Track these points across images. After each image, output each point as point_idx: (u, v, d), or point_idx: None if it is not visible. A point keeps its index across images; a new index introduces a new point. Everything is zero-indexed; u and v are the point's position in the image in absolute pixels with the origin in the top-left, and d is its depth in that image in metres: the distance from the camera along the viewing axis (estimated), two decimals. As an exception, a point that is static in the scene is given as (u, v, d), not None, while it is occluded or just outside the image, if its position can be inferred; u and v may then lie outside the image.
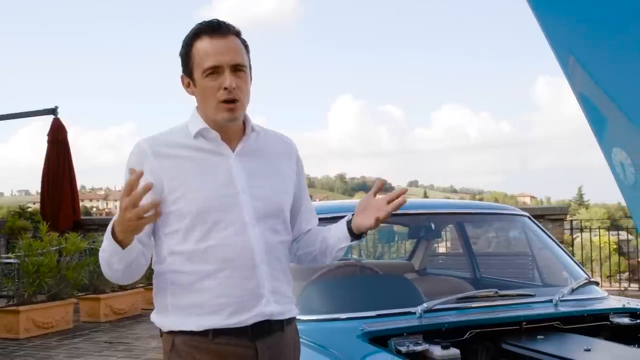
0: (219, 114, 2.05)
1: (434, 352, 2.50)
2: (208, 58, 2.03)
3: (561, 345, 2.64)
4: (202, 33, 2.07)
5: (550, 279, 3.81)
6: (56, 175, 12.31)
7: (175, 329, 2.05)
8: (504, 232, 5.11)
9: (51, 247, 8.84)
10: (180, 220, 2.03)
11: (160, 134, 2.15)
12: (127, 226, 1.86)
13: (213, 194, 2.04)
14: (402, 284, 3.29)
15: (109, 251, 1.95)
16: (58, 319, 8.75)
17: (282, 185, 2.20)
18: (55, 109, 12.26)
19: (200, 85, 2.06)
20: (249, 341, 2.03)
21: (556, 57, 1.43)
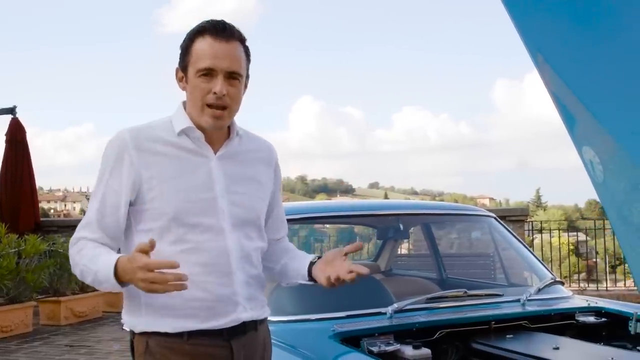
0: (202, 117, 2.03)
1: (405, 352, 2.52)
2: (205, 59, 2.01)
3: (530, 344, 2.69)
4: (206, 32, 2.04)
5: (516, 278, 3.87)
6: (15, 176, 12.08)
7: (149, 330, 2.01)
8: (470, 232, 5.16)
9: (10, 249, 8.68)
10: (155, 220, 2.01)
11: (143, 126, 2.10)
12: (135, 283, 1.85)
13: (192, 197, 2.02)
14: (372, 284, 3.30)
15: (103, 281, 1.93)
16: (17, 322, 8.59)
17: (259, 192, 2.19)
18: (14, 108, 12.04)
19: (191, 83, 2.04)
20: (224, 341, 2.03)
21: (529, 54, 1.45)
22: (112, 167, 2.02)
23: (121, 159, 2.00)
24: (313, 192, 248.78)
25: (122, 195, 2.00)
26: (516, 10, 1.41)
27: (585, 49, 1.30)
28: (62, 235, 12.23)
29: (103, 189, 2.02)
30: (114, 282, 1.89)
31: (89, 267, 1.95)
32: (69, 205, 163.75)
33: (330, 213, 3.73)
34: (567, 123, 1.48)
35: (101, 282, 1.93)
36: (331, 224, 4.27)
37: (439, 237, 4.68)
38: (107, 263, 1.90)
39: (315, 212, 3.60)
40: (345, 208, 4.04)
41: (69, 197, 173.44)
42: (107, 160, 2.04)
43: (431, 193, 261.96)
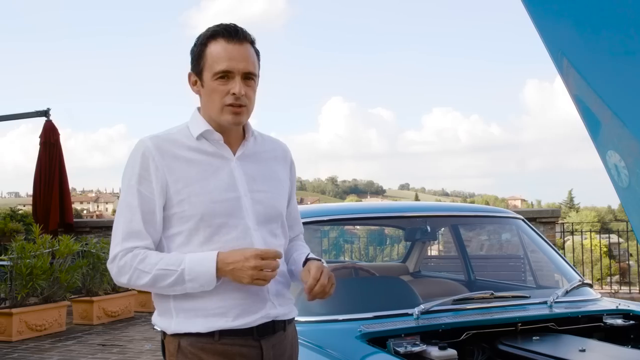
0: (223, 116, 2.08)
1: (431, 352, 2.53)
2: (221, 62, 2.05)
3: (556, 346, 2.68)
4: (219, 35, 2.08)
5: (544, 280, 3.85)
6: (48, 178, 12.28)
7: (181, 331, 2.05)
8: (498, 234, 5.15)
9: (44, 249, 8.82)
10: (183, 223, 2.05)
11: (162, 133, 2.14)
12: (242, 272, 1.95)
13: (217, 198, 2.05)
14: (399, 285, 3.32)
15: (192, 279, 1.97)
16: (51, 321, 8.74)
17: (279, 189, 2.24)
18: (47, 111, 12.24)
19: (208, 86, 2.08)
20: (254, 341, 2.07)
21: (551, 58, 1.45)
22: (140, 174, 2.04)
23: (147, 166, 2.04)
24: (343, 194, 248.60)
25: (156, 201, 2.03)
26: (539, 14, 1.42)
27: (611, 51, 1.30)
28: (95, 235, 12.42)
29: (137, 197, 2.04)
30: (211, 275, 1.96)
31: (168, 269, 1.97)
32: (102, 206, 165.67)
33: (357, 215, 3.75)
34: (590, 127, 1.48)
35: (189, 280, 1.97)
36: (359, 225, 4.28)
37: (468, 239, 4.68)
38: (201, 258, 1.98)
39: (342, 213, 3.62)
40: (373, 210, 4.06)
41: (101, 198, 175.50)
42: (133, 169, 2.06)
43: (462, 194, 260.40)
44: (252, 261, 1.94)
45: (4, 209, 17.14)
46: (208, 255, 1.99)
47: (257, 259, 1.94)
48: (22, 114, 12.97)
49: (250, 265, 1.93)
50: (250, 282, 1.95)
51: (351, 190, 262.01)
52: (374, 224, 4.27)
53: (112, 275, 2.08)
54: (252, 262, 1.94)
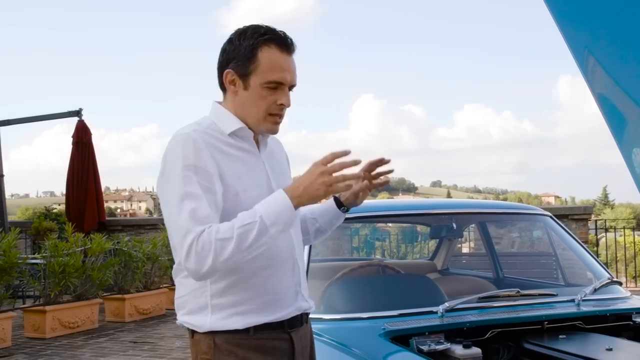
0: (263, 124, 2.08)
1: (455, 351, 2.51)
2: (276, 72, 2.04)
3: (583, 345, 2.64)
4: (272, 42, 2.05)
5: (572, 278, 3.80)
6: (81, 177, 12.45)
7: (217, 329, 2.02)
8: (526, 231, 5.09)
9: (76, 247, 8.94)
10: (231, 216, 1.98)
11: (197, 126, 2.07)
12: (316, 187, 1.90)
13: (262, 194, 2.03)
14: (424, 283, 3.30)
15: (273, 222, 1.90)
16: (84, 318, 8.86)
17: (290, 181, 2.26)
18: (80, 111, 12.40)
19: (255, 91, 2.05)
20: (285, 333, 2.09)
21: (574, 56, 1.42)
22: (195, 165, 1.96)
23: (201, 157, 1.97)
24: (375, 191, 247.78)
25: (217, 191, 1.98)
26: (563, 12, 1.40)
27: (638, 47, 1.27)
28: (127, 234, 12.56)
29: (199, 188, 1.95)
30: (290, 208, 1.90)
31: (247, 224, 1.89)
32: (135, 204, 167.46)
33: (384, 212, 3.74)
34: (615, 125, 1.45)
35: (270, 224, 1.89)
36: (384, 222, 4.27)
37: (496, 237, 4.63)
38: (271, 200, 1.92)
39: (368, 211, 3.61)
40: (400, 207, 4.04)
41: (134, 197, 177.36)
42: (186, 160, 1.97)
43: (494, 191, 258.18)
44: (317, 169, 1.91)
45: (39, 208, 17.41)
46: (275, 194, 1.94)
47: (321, 166, 1.91)
48: (54, 114, 13.16)
49: (318, 172, 1.90)
50: (326, 191, 1.91)
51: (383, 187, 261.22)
52: (400, 222, 4.25)
53: (193, 270, 1.92)
54: (318, 169, 1.91)
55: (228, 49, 2.10)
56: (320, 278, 3.18)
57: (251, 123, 2.09)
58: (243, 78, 2.06)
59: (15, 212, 75.93)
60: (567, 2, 1.39)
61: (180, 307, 2.13)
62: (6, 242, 7.78)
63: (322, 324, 2.81)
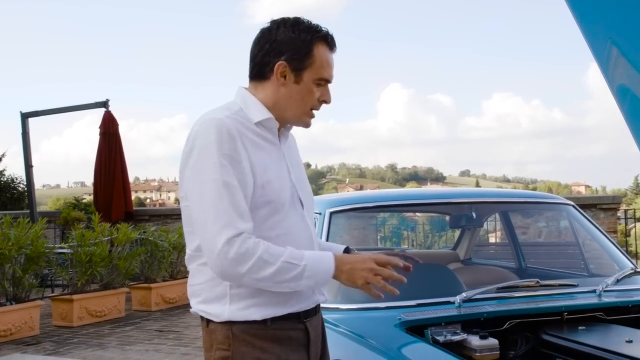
0: (302, 119, 2.12)
1: (471, 341, 2.48)
2: (328, 69, 2.09)
3: (603, 336, 2.59)
4: (324, 41, 2.10)
5: (595, 268, 3.74)
6: (108, 167, 12.55)
7: (235, 319, 2.01)
8: (548, 221, 5.03)
9: (103, 237, 9.03)
10: (257, 209, 1.99)
11: (230, 113, 2.04)
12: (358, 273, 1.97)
13: (284, 185, 2.06)
14: (443, 273, 3.27)
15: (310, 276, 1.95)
16: (110, 307, 8.96)
17: (305, 176, 2.27)
18: (107, 101, 12.47)
19: (305, 87, 2.07)
20: (300, 323, 2.09)
21: (592, 49, 1.39)
22: (230, 155, 1.95)
23: (235, 147, 1.96)
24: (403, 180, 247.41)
25: (248, 184, 1.97)
26: (583, 5, 1.37)
27: None
28: (154, 224, 12.66)
29: (235, 178, 1.94)
30: (329, 274, 1.97)
31: (292, 263, 1.92)
32: (164, 194, 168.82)
33: (403, 201, 3.71)
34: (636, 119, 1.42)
35: (307, 277, 1.94)
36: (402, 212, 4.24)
37: (520, 226, 4.58)
38: (321, 257, 1.99)
39: (386, 200, 3.59)
40: (419, 196, 4.00)
41: (163, 187, 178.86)
42: (222, 149, 1.94)
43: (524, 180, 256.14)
44: (369, 263, 1.97)
45: (70, 199, 17.63)
46: (325, 255, 2.01)
47: (373, 263, 1.98)
48: (81, 105, 13.25)
49: (367, 267, 1.96)
50: (364, 284, 1.97)
51: (411, 177, 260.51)
52: (420, 211, 4.22)
53: (224, 265, 1.89)
54: (369, 264, 1.97)
55: (279, 39, 2.08)
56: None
57: (291, 116, 2.11)
58: (296, 72, 2.07)
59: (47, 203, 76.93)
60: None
61: (195, 295, 2.11)
62: (33, 232, 7.88)
63: (338, 314, 2.80)
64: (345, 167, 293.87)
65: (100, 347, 7.20)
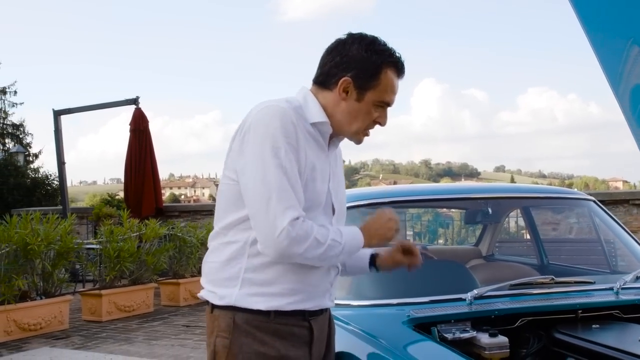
0: (355, 137, 2.16)
1: (481, 339, 2.44)
2: (391, 94, 2.11)
3: (615, 335, 2.53)
4: (394, 67, 2.11)
5: (617, 265, 3.67)
6: (138, 164, 12.68)
7: (240, 305, 2.02)
8: (570, 217, 4.94)
9: (132, 233, 9.12)
10: None
11: (291, 105, 2.05)
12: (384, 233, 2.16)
13: (322, 189, 2.08)
14: (457, 270, 3.22)
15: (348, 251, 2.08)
16: (139, 302, 9.05)
17: (344, 188, 2.31)
18: (137, 99, 12.61)
19: (366, 106, 2.09)
20: (305, 321, 2.09)
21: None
22: (294, 145, 1.98)
23: (298, 138, 1.99)
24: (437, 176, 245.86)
25: (302, 174, 2.00)
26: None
27: None
28: (183, 220, 12.75)
29: (296, 167, 1.97)
30: (359, 247, 2.11)
31: (337, 241, 2.01)
32: (199, 190, 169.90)
33: (418, 197, 3.66)
34: None
35: (345, 252, 2.05)
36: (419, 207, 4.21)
37: (542, 223, 4.50)
38: (353, 233, 2.09)
39: (403, 195, 3.55)
40: (436, 192, 3.95)
41: (198, 183, 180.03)
42: (287, 137, 1.97)
43: (560, 176, 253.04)
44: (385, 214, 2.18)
45: (104, 195, 17.89)
46: (355, 230, 2.11)
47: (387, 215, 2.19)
48: (112, 102, 13.40)
49: (387, 217, 2.17)
50: (394, 233, 2.17)
51: (445, 172, 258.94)
52: (436, 206, 4.17)
53: (283, 244, 1.92)
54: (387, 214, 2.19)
55: (350, 54, 2.09)
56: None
57: (344, 131, 2.14)
58: (359, 90, 2.09)
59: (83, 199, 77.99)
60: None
61: (208, 273, 2.14)
62: (62, 228, 7.98)
63: (349, 310, 2.78)
64: (379, 162, 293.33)
65: (127, 341, 7.28)
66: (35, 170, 24.85)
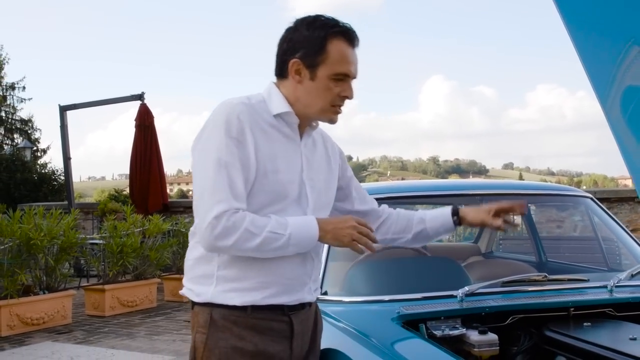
0: (325, 114, 2.12)
1: (470, 336, 2.42)
2: (344, 64, 2.07)
3: (606, 333, 2.50)
4: (341, 35, 2.08)
5: (613, 263, 3.64)
6: (144, 159, 12.67)
7: (216, 301, 2.04)
8: (566, 213, 4.91)
9: (135, 228, 9.14)
10: (254, 196, 2.02)
11: (247, 99, 2.09)
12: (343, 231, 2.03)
13: (288, 179, 2.07)
14: (450, 266, 3.20)
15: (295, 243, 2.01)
16: (142, 297, 9.07)
17: (331, 177, 2.28)
18: (142, 94, 12.60)
19: (321, 83, 2.07)
20: (284, 316, 2.09)
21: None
22: (237, 138, 1.99)
23: (243, 130, 1.99)
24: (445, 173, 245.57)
25: (251, 169, 2.00)
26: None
27: None
28: (188, 215, 12.75)
29: (238, 160, 1.98)
30: (314, 239, 2.03)
31: (277, 233, 1.97)
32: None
33: (413, 193, 3.65)
34: None
35: (292, 244, 1.99)
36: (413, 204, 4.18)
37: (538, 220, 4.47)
38: (303, 223, 2.02)
39: (397, 192, 3.53)
40: (431, 188, 3.94)
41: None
42: (230, 131, 1.99)
43: (569, 174, 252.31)
44: (350, 221, 2.04)
45: (112, 191, 17.96)
46: (308, 219, 2.04)
47: (354, 221, 2.05)
48: (118, 98, 13.41)
49: (350, 224, 2.03)
50: (350, 242, 2.02)
51: (453, 170, 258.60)
52: (431, 203, 4.13)
53: (210, 238, 1.94)
54: (351, 222, 2.04)
55: (294, 37, 2.10)
56: (342, 259, 3.14)
57: (312, 112, 2.12)
58: (310, 68, 2.08)
59: (92, 194, 78.27)
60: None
61: (188, 270, 2.16)
62: (66, 223, 8.00)
63: (340, 306, 2.77)
64: (387, 159, 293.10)
65: (129, 336, 7.29)
66: (43, 166, 24.91)
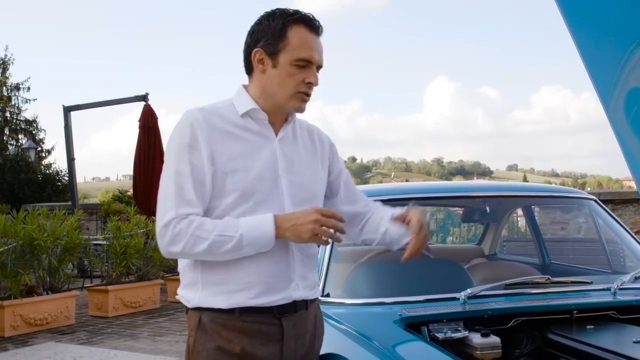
0: (292, 102, 2.10)
1: (472, 339, 2.41)
2: (305, 49, 2.06)
3: (609, 336, 2.49)
4: (301, 22, 2.09)
5: (617, 265, 3.62)
6: (147, 160, 12.64)
7: (204, 305, 2.06)
8: (569, 215, 4.89)
9: (139, 229, 9.14)
10: (222, 197, 2.04)
11: (209, 107, 2.12)
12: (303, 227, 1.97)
13: (258, 176, 2.06)
14: (452, 269, 3.19)
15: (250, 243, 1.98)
16: (145, 298, 9.06)
17: (316, 171, 2.24)
18: (146, 95, 12.58)
19: (283, 70, 2.07)
20: (274, 318, 2.07)
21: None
22: (190, 144, 2.01)
23: (196, 136, 2.01)
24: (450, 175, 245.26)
25: (206, 171, 2.01)
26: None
27: None
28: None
29: (189, 166, 2.00)
30: (269, 238, 1.98)
31: (226, 235, 1.96)
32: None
33: (415, 195, 3.63)
34: None
35: (246, 244, 1.97)
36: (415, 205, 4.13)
37: (542, 222, 4.46)
38: (257, 223, 1.98)
39: (398, 193, 3.52)
40: (435, 189, 3.93)
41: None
42: (182, 138, 2.03)
43: (573, 175, 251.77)
44: (313, 215, 1.97)
45: (116, 191, 17.99)
46: (264, 218, 2.00)
47: (318, 214, 1.97)
48: (121, 99, 13.41)
49: (312, 219, 1.96)
50: (311, 237, 1.97)
51: (457, 171, 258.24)
52: (435, 204, 4.13)
53: (163, 245, 2.00)
54: (313, 216, 1.96)
55: (256, 29, 2.12)
56: (345, 261, 3.13)
57: (279, 101, 2.10)
58: (272, 56, 2.08)
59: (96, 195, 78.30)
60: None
61: (181, 277, 2.17)
62: (69, 224, 8.00)
63: (342, 309, 2.76)
64: (391, 161, 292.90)
65: (132, 337, 7.29)
66: (47, 166, 24.97)
